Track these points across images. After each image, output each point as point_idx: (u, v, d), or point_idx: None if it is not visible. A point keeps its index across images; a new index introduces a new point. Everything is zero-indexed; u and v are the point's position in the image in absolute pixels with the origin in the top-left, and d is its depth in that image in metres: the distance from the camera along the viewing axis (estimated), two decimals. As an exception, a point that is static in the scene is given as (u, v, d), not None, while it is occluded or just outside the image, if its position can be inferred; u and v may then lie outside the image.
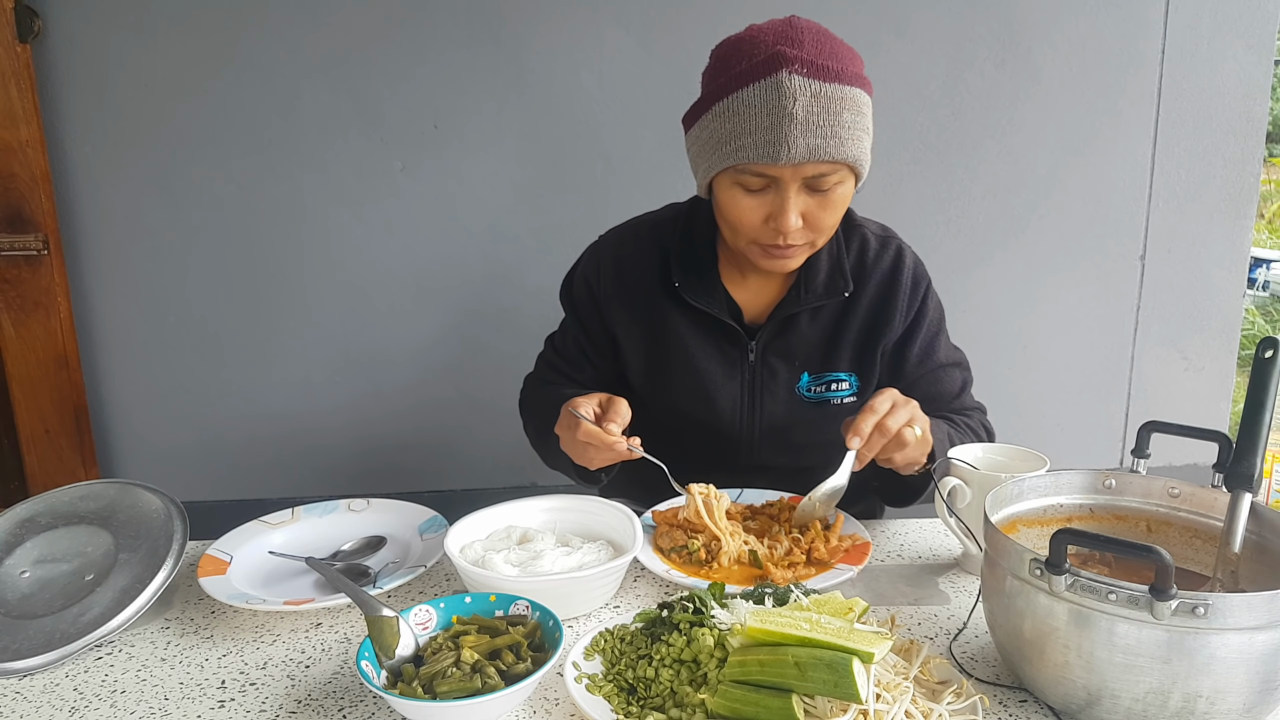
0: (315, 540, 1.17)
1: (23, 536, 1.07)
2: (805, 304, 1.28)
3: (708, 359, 1.32)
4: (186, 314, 2.32)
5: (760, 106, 1.06)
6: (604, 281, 1.35)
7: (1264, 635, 0.70)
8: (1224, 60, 2.36)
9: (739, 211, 1.15)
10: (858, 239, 1.33)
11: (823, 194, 1.12)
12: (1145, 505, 0.96)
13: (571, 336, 1.41)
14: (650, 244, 1.34)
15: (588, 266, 1.38)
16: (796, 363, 1.31)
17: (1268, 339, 0.86)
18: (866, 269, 1.31)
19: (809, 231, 1.16)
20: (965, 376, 1.38)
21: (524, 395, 1.48)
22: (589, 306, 1.37)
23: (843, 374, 1.32)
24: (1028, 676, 0.82)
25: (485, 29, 2.22)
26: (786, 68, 1.05)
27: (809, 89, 1.05)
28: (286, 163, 2.25)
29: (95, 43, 2.14)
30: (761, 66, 1.07)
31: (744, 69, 1.08)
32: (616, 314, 1.35)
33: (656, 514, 1.19)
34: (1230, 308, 2.54)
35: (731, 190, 1.14)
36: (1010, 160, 2.39)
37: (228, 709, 0.86)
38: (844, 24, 1.17)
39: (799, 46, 1.07)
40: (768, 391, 1.32)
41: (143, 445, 2.39)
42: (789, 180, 1.10)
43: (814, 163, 1.08)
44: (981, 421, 1.36)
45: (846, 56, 1.10)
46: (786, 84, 1.05)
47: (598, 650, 0.89)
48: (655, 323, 1.33)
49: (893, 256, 1.32)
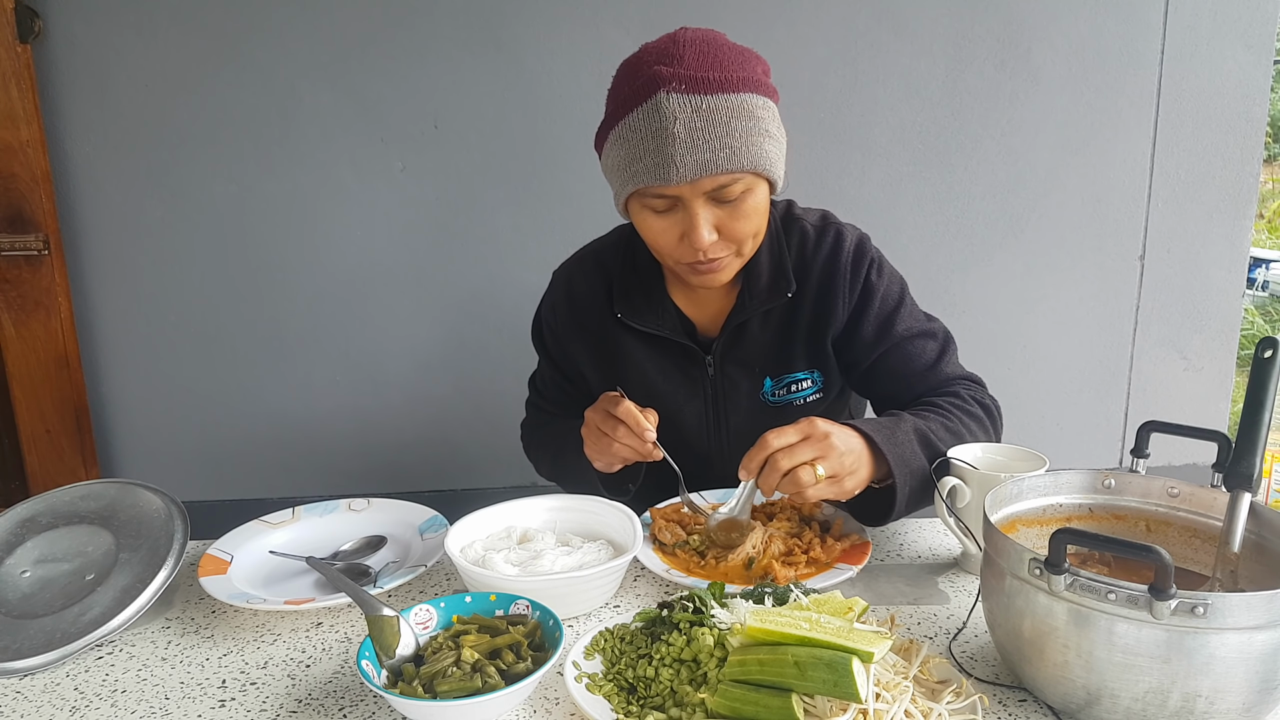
0: (316, 540, 1.17)
1: (23, 536, 1.07)
2: (753, 310, 1.26)
3: (667, 380, 1.31)
4: (187, 314, 2.32)
5: (644, 130, 1.06)
6: (559, 319, 1.36)
7: (1263, 635, 0.70)
8: (1223, 60, 2.36)
9: (654, 234, 1.15)
10: (797, 233, 1.29)
11: (731, 205, 1.10)
12: (1144, 505, 0.97)
13: (550, 379, 1.44)
14: (595, 274, 1.34)
15: (546, 306, 1.40)
16: (756, 369, 1.30)
17: (1267, 339, 0.86)
18: (807, 262, 1.28)
19: (727, 243, 1.13)
20: (942, 345, 1.31)
21: (527, 439, 1.49)
22: (555, 346, 1.40)
23: (802, 373, 1.30)
24: (1027, 676, 0.82)
25: (485, 29, 2.22)
26: (664, 88, 1.04)
27: (689, 105, 1.03)
28: (286, 162, 2.25)
29: (95, 43, 2.15)
30: (641, 90, 1.06)
31: (627, 94, 1.08)
32: (576, 348, 1.36)
33: (654, 511, 1.19)
34: (1229, 308, 2.54)
35: (643, 214, 1.14)
36: (1010, 160, 2.39)
37: (228, 708, 0.86)
38: (844, 24, 1.18)
39: (677, 63, 1.05)
40: (730, 403, 1.31)
41: (143, 445, 2.39)
42: (690, 197, 1.08)
43: (709, 177, 1.06)
44: (975, 396, 1.28)
45: (734, 64, 1.07)
46: (665, 104, 1.04)
47: (598, 650, 0.89)
48: (611, 352, 1.33)
49: (830, 243, 1.28)
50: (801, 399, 1.31)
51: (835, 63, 2.25)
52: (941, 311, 1.42)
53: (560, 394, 1.43)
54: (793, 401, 1.31)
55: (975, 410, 1.25)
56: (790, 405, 1.31)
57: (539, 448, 1.45)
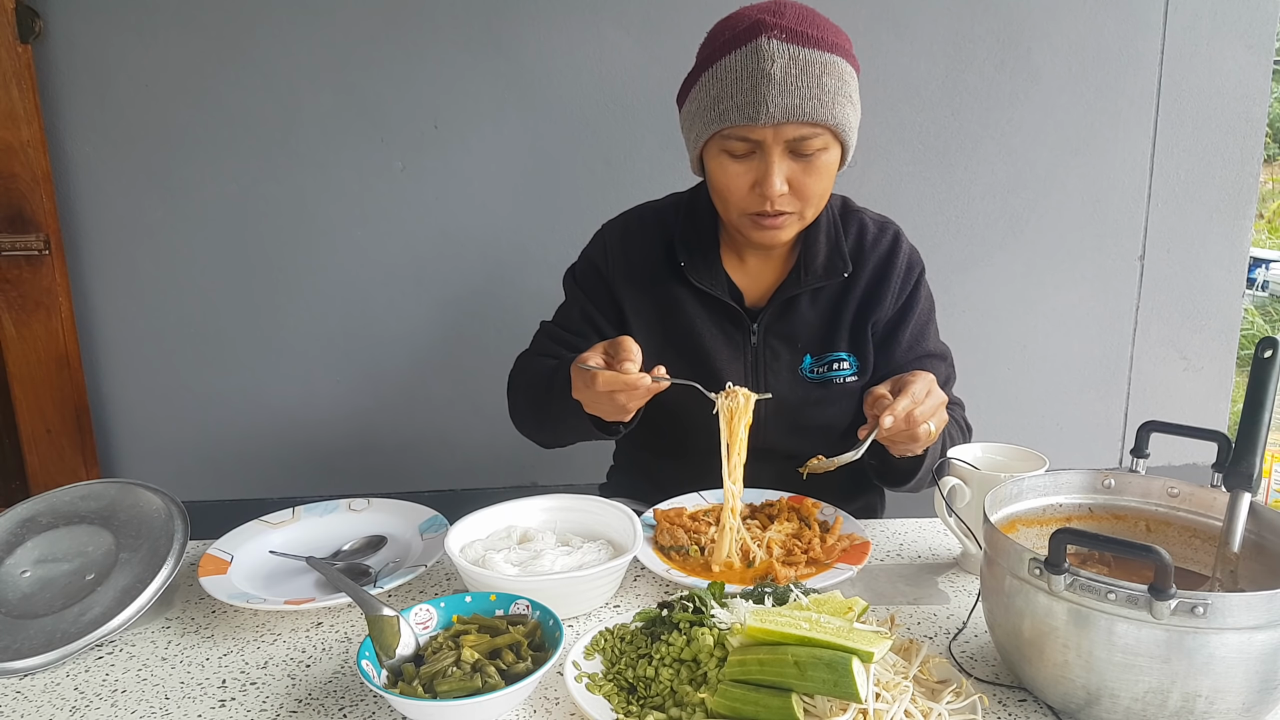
0: (316, 540, 1.17)
1: (24, 536, 1.07)
2: (805, 286, 1.30)
3: (713, 338, 1.33)
4: (187, 313, 2.32)
5: (740, 70, 1.11)
6: (611, 262, 1.36)
7: (1263, 635, 0.70)
8: (1223, 61, 2.36)
9: (727, 178, 1.18)
10: (856, 224, 1.36)
11: (806, 159, 1.15)
12: (1144, 505, 0.97)
13: (577, 309, 1.38)
14: (654, 228, 1.37)
15: (594, 250, 1.40)
16: (799, 345, 1.33)
17: (1267, 339, 0.86)
18: (865, 251, 1.33)
19: (795, 199, 1.17)
20: (949, 371, 1.40)
21: (513, 373, 1.43)
22: (597, 284, 1.37)
23: (843, 354, 1.33)
24: (1027, 676, 0.82)
25: (485, 29, 2.22)
26: (766, 34, 1.10)
27: (787, 52, 1.09)
28: (287, 163, 2.25)
29: (96, 43, 2.15)
30: (743, 34, 1.12)
31: (727, 39, 1.13)
32: (624, 290, 1.35)
33: (658, 512, 1.19)
34: (1229, 307, 2.54)
35: (719, 158, 1.18)
36: (1009, 160, 2.39)
37: (228, 708, 0.86)
38: (844, 24, 1.18)
39: (780, 15, 1.12)
40: (772, 373, 1.33)
41: (144, 445, 2.39)
42: (771, 143, 1.13)
43: (794, 124, 1.11)
44: (963, 418, 1.39)
45: (829, 29, 1.14)
46: (765, 47, 1.09)
47: (598, 649, 0.89)
48: (661, 300, 1.34)
49: (890, 241, 1.35)
50: (841, 378, 1.34)
51: (835, 63, 2.24)
52: (941, 311, 1.44)
53: (585, 324, 1.37)
54: (832, 380, 1.33)
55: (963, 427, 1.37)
56: (830, 383, 1.33)
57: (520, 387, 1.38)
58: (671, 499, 1.25)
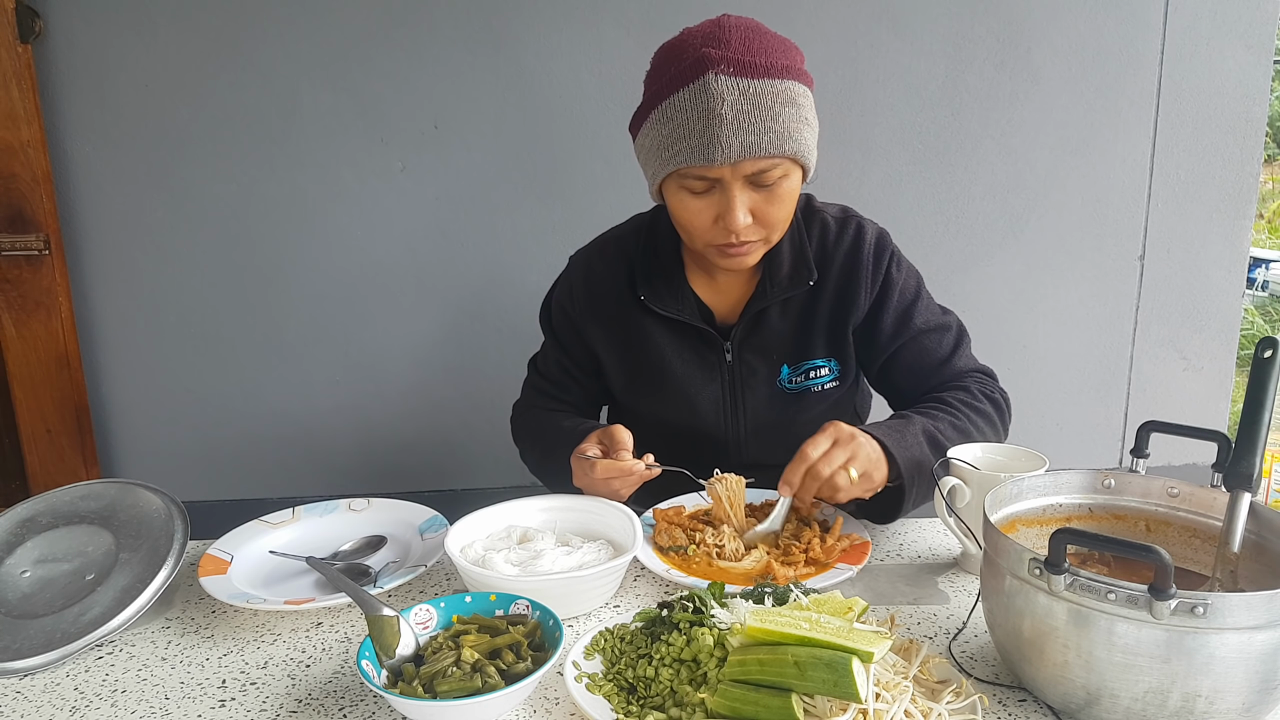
0: (316, 540, 1.17)
1: (23, 536, 1.07)
2: (773, 298, 1.28)
3: (685, 364, 1.32)
4: (187, 313, 2.32)
5: (690, 110, 1.08)
6: (577, 302, 1.37)
7: (1263, 635, 0.70)
8: (1223, 60, 2.36)
9: (688, 215, 1.16)
10: (818, 224, 1.33)
11: (768, 189, 1.13)
12: (1144, 505, 0.97)
13: (554, 359, 1.43)
14: (616, 259, 1.35)
15: (561, 290, 1.40)
16: (774, 356, 1.32)
17: (1267, 339, 0.86)
18: (829, 253, 1.30)
19: (760, 228, 1.16)
20: (956, 338, 1.33)
21: (516, 425, 1.48)
22: (567, 328, 1.40)
23: (820, 360, 1.32)
24: (1027, 676, 0.82)
25: (485, 29, 2.22)
26: (713, 69, 1.06)
27: (737, 87, 1.06)
28: (286, 163, 2.25)
29: (96, 43, 2.15)
30: (689, 70, 1.08)
31: (673, 74, 1.10)
32: (593, 331, 1.36)
33: (657, 512, 1.19)
34: (1229, 308, 2.54)
35: (679, 194, 1.16)
36: (1009, 160, 2.39)
37: (228, 708, 0.86)
38: (843, 24, 1.18)
39: (724, 46, 1.08)
40: (748, 389, 1.33)
41: (143, 445, 2.39)
42: (730, 179, 1.11)
43: (751, 160, 1.08)
44: (985, 391, 1.29)
45: (777, 50, 1.10)
46: (714, 85, 1.06)
47: (598, 650, 0.89)
48: (631, 335, 1.34)
49: (852, 235, 1.31)
50: (819, 385, 1.32)
51: (835, 63, 2.24)
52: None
53: (564, 376, 1.43)
54: (810, 389, 1.32)
55: (984, 406, 1.27)
56: (807, 392, 1.32)
57: (530, 439, 1.43)
58: (671, 499, 1.25)
